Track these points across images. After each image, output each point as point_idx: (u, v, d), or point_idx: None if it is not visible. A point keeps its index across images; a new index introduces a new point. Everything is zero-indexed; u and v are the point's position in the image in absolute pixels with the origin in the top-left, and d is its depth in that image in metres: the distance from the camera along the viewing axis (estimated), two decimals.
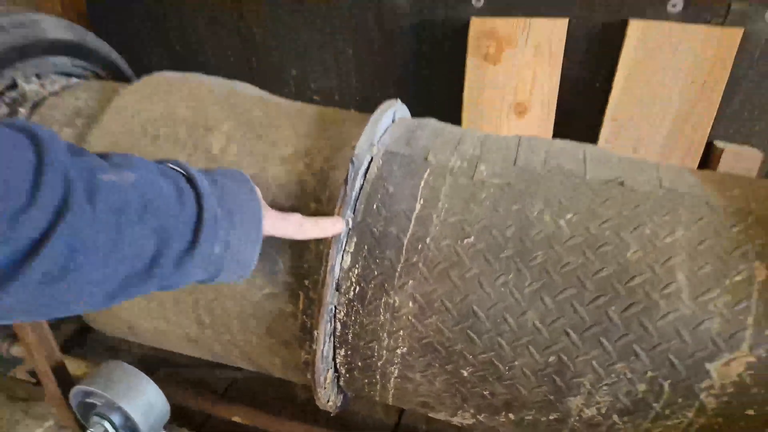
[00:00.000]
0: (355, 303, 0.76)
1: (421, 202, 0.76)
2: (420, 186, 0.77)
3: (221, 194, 0.60)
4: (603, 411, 0.71)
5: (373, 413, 1.15)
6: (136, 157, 0.56)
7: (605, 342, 0.68)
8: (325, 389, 0.82)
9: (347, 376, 0.85)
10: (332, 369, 0.84)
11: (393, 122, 0.91)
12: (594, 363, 0.69)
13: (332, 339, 0.79)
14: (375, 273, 0.75)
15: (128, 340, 1.31)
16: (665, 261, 0.68)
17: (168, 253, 0.52)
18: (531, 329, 0.70)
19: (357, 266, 0.75)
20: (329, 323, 0.77)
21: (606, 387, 0.69)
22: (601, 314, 0.68)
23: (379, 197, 0.77)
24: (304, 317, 0.80)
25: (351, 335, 0.79)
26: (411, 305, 0.74)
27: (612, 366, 0.68)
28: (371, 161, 0.80)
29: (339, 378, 0.87)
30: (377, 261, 0.75)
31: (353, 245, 0.76)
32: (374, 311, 0.76)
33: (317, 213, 0.78)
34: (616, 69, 1.52)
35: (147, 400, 0.90)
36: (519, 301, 0.71)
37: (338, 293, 0.76)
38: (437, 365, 0.77)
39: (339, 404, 0.91)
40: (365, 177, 0.79)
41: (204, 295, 0.83)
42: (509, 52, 1.57)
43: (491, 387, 0.76)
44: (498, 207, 0.74)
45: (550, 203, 0.74)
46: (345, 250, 0.76)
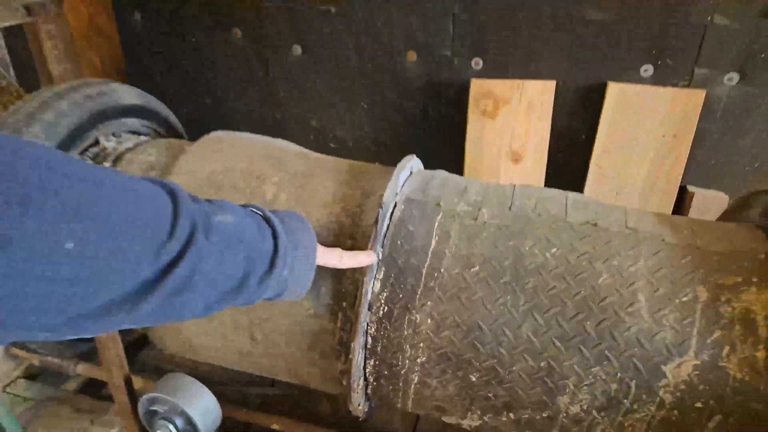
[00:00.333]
0: (384, 320, 0.94)
1: (436, 239, 0.96)
2: (434, 227, 0.97)
3: (288, 231, 0.79)
4: (585, 407, 0.89)
5: (390, 424, 1.30)
6: (230, 203, 0.75)
7: (584, 349, 0.86)
8: (357, 394, 0.99)
9: (375, 384, 1.02)
10: (363, 377, 1.01)
11: (410, 174, 1.12)
12: (576, 367, 0.87)
13: (364, 351, 0.97)
14: (400, 296, 0.94)
15: (169, 362, 1.48)
16: (629, 285, 0.87)
17: (253, 276, 0.71)
18: (525, 340, 0.88)
19: (385, 290, 0.94)
20: (362, 337, 0.95)
21: (586, 387, 0.87)
22: (580, 327, 0.87)
23: (402, 235, 0.97)
24: (342, 333, 0.98)
25: (380, 347, 0.96)
26: (429, 322, 0.92)
27: (590, 369, 0.86)
28: (395, 207, 1.00)
29: (367, 386, 1.04)
30: (401, 286, 0.94)
31: (382, 273, 0.95)
32: (399, 327, 0.94)
33: (353, 248, 0.97)
34: (599, 124, 1.75)
35: (205, 406, 1.06)
36: (515, 318, 0.89)
37: (370, 312, 0.95)
38: (450, 371, 0.94)
39: (366, 410, 1.08)
40: (390, 219, 0.99)
41: (258, 315, 1.02)
42: (505, 109, 1.80)
43: (494, 390, 0.93)
44: (497, 243, 0.94)
45: (539, 240, 0.93)
46: (376, 278, 0.94)
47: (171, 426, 1.06)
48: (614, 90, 1.71)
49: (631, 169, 1.77)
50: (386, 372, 0.99)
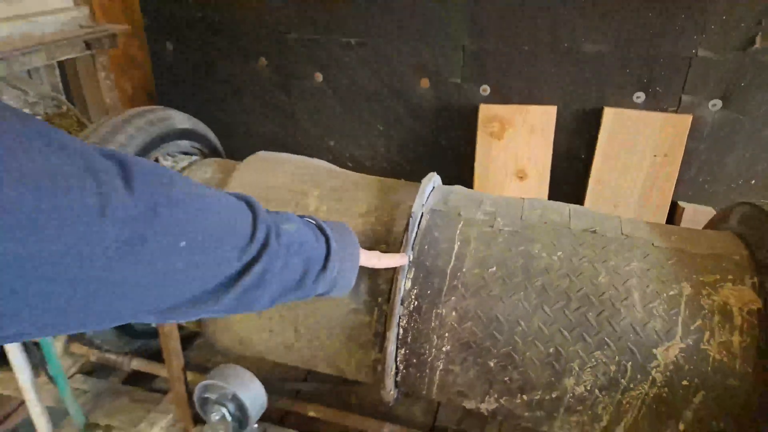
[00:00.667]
0: (414, 314, 1.10)
1: (458, 244, 1.12)
2: (456, 233, 1.13)
3: (337, 237, 0.95)
4: (588, 387, 1.03)
5: (412, 415, 1.44)
6: (292, 214, 0.91)
7: (586, 336, 1.01)
8: (390, 379, 1.14)
9: (404, 372, 1.17)
10: (395, 365, 1.16)
11: (433, 188, 1.28)
12: (580, 352, 1.02)
13: (396, 341, 1.12)
14: (428, 292, 1.09)
15: (209, 360, 1.62)
16: (624, 282, 1.03)
17: (310, 275, 0.86)
18: (536, 329, 1.04)
19: (415, 288, 1.10)
20: (396, 329, 1.10)
21: (589, 369, 1.02)
22: (583, 318, 1.02)
23: (429, 241, 1.13)
24: (377, 325, 1.13)
25: (410, 338, 1.11)
26: (453, 315, 1.08)
27: (592, 353, 1.01)
28: (422, 216, 1.17)
29: (397, 374, 1.18)
30: (429, 284, 1.09)
31: (412, 273, 1.10)
32: (427, 320, 1.09)
33: (387, 252, 1.13)
34: (596, 145, 1.92)
35: (254, 392, 1.20)
36: (527, 310, 1.04)
37: (402, 307, 1.10)
38: (471, 358, 1.09)
39: (396, 397, 1.22)
40: (418, 227, 1.15)
41: (302, 311, 1.17)
42: (510, 131, 1.98)
43: (510, 374, 1.08)
44: (510, 247, 1.10)
45: (546, 245, 1.09)
46: (407, 277, 1.10)
47: (224, 410, 1.20)
48: (610, 114, 1.89)
49: (627, 186, 1.93)
50: (415, 360, 1.14)
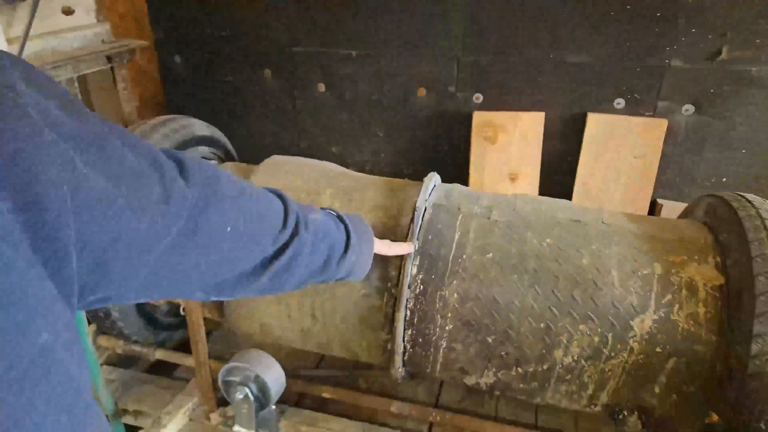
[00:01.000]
0: (420, 296, 1.23)
1: (459, 234, 1.25)
2: (457, 224, 1.27)
3: (355, 227, 1.08)
4: (575, 358, 1.17)
5: (416, 396, 1.56)
6: (314, 206, 1.04)
7: (573, 312, 1.15)
8: (399, 357, 1.27)
9: (411, 351, 1.30)
10: (402, 345, 1.29)
11: (435, 186, 1.42)
12: (567, 326, 1.16)
13: (404, 322, 1.25)
14: (432, 277, 1.23)
15: (227, 351, 1.73)
16: (604, 264, 1.17)
17: (333, 259, 0.98)
18: (529, 307, 1.17)
19: (421, 273, 1.23)
20: (404, 311, 1.23)
21: (576, 341, 1.16)
22: (569, 296, 1.16)
23: (432, 232, 1.26)
24: (387, 308, 1.26)
25: (416, 319, 1.25)
26: (455, 296, 1.21)
27: (578, 327, 1.15)
28: (425, 210, 1.30)
29: (405, 353, 1.31)
30: (433, 270, 1.23)
31: (418, 260, 1.24)
32: (432, 302, 1.23)
33: (395, 241, 1.26)
34: (581, 148, 2.08)
35: (276, 373, 1.32)
36: (521, 291, 1.18)
37: (409, 290, 1.23)
38: (472, 336, 1.23)
39: (403, 375, 1.35)
40: (423, 220, 1.28)
41: (320, 298, 1.30)
42: (503, 136, 2.13)
43: (506, 348, 1.21)
44: (505, 236, 1.24)
45: (537, 233, 1.24)
46: (413, 264, 1.24)
47: (247, 389, 1.32)
48: (593, 120, 2.05)
49: (610, 186, 2.09)
50: (420, 339, 1.27)
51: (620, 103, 2.05)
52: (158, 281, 0.62)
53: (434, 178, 1.41)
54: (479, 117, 2.15)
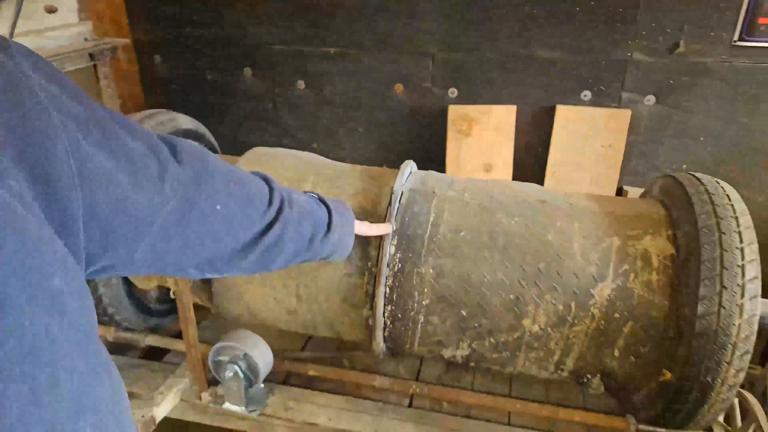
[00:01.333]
0: (398, 274, 1.31)
1: (434, 215, 1.34)
2: (432, 206, 1.36)
3: (335, 208, 1.15)
4: (542, 326, 1.26)
5: (398, 374, 1.64)
6: (297, 189, 1.11)
7: (539, 283, 1.25)
8: (380, 332, 1.35)
9: (391, 327, 1.38)
10: (383, 320, 1.37)
11: (411, 173, 1.50)
12: (534, 297, 1.25)
13: (384, 298, 1.33)
14: (409, 255, 1.31)
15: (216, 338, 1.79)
16: (568, 239, 1.27)
17: (317, 237, 1.06)
18: (500, 280, 1.26)
19: (399, 252, 1.31)
20: (383, 288, 1.31)
21: (542, 310, 1.25)
22: (536, 269, 1.25)
23: (409, 214, 1.35)
24: (368, 286, 1.34)
25: (396, 295, 1.33)
26: (431, 272, 1.30)
27: (544, 297, 1.24)
28: (402, 194, 1.39)
29: (385, 329, 1.39)
30: (410, 249, 1.31)
31: (396, 240, 1.32)
32: (410, 278, 1.31)
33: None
34: (551, 139, 2.18)
35: (263, 351, 1.39)
36: (492, 266, 1.27)
37: (388, 269, 1.31)
38: (447, 309, 1.31)
39: (384, 351, 1.43)
40: (400, 203, 1.37)
41: (304, 279, 1.37)
42: (477, 129, 2.23)
43: (479, 320, 1.30)
44: (477, 215, 1.33)
45: (506, 212, 1.33)
46: (392, 243, 1.31)
47: (236, 367, 1.38)
48: (562, 111, 2.16)
49: (579, 174, 2.20)
50: (400, 315, 1.35)
51: (587, 96, 2.17)
52: (156, 254, 0.67)
53: (410, 165, 1.49)
54: (454, 111, 2.25)
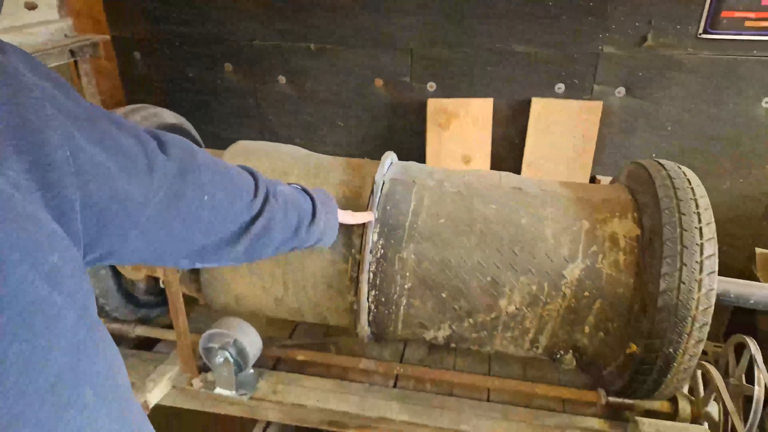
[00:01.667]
0: (381, 260, 1.37)
1: (414, 203, 1.40)
2: (412, 195, 1.42)
3: (319, 198, 1.20)
4: (517, 306, 1.34)
5: (382, 356, 1.70)
6: (281, 181, 1.16)
7: (514, 266, 1.32)
8: (364, 316, 1.41)
9: (375, 311, 1.44)
10: (367, 304, 1.42)
11: (392, 163, 1.56)
12: (510, 278, 1.32)
13: (368, 284, 1.39)
14: (391, 242, 1.37)
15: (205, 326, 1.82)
16: (540, 224, 1.34)
17: (303, 226, 1.10)
18: (477, 263, 1.33)
19: (381, 239, 1.37)
20: (367, 273, 1.37)
21: (517, 291, 1.32)
22: (511, 252, 1.32)
23: (391, 202, 1.40)
24: (352, 272, 1.39)
25: (379, 280, 1.38)
26: (413, 257, 1.36)
27: (519, 278, 1.32)
28: (384, 184, 1.44)
29: (369, 313, 1.45)
30: (392, 235, 1.37)
31: (378, 228, 1.38)
32: (392, 264, 1.37)
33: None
34: (527, 130, 2.26)
35: (252, 338, 1.43)
36: (470, 250, 1.34)
37: (371, 255, 1.37)
38: (428, 293, 1.37)
39: (369, 335, 1.49)
40: (381, 192, 1.42)
41: (291, 267, 1.42)
42: (456, 122, 2.29)
43: (458, 302, 1.37)
44: (455, 202, 1.39)
45: (483, 199, 1.39)
46: (374, 231, 1.37)
47: (227, 353, 1.42)
48: (537, 104, 2.24)
49: (554, 164, 2.28)
50: (383, 299, 1.41)
51: (561, 88, 2.25)
52: (147, 244, 0.70)
53: (391, 156, 1.55)
54: (433, 104, 2.31)
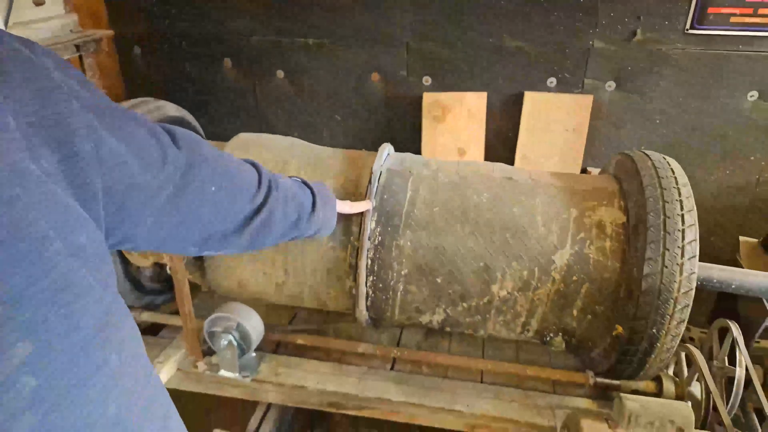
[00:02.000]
0: (379, 247, 1.43)
1: (410, 193, 1.46)
2: (408, 185, 1.47)
3: (318, 190, 1.25)
4: (509, 291, 1.40)
5: (380, 341, 1.76)
6: (282, 174, 1.21)
7: (506, 252, 1.38)
8: (362, 301, 1.47)
9: (373, 296, 1.50)
10: (365, 290, 1.48)
11: (388, 154, 1.62)
12: (502, 264, 1.38)
13: (366, 270, 1.45)
14: (389, 230, 1.43)
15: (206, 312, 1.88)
16: (531, 212, 1.40)
17: (303, 216, 1.15)
18: (470, 250, 1.39)
19: (379, 227, 1.43)
20: (365, 260, 1.43)
21: (509, 276, 1.38)
22: (503, 239, 1.38)
23: (388, 192, 1.46)
24: (351, 259, 1.45)
25: (376, 266, 1.44)
26: (409, 244, 1.42)
27: (510, 264, 1.38)
28: (381, 174, 1.50)
29: (367, 298, 1.51)
30: (389, 224, 1.43)
31: (376, 216, 1.43)
32: (389, 251, 1.43)
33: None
34: (520, 124, 2.32)
35: (255, 321, 1.49)
36: (463, 238, 1.40)
37: (369, 242, 1.43)
38: (424, 278, 1.43)
39: (367, 319, 1.55)
40: (379, 182, 1.48)
41: (291, 254, 1.47)
42: (450, 115, 2.35)
43: (453, 287, 1.43)
44: (449, 192, 1.45)
45: (476, 189, 1.45)
46: (372, 219, 1.43)
47: (231, 337, 1.48)
48: (529, 98, 2.30)
49: (546, 157, 2.34)
50: (381, 285, 1.47)
51: (552, 82, 2.31)
52: (159, 231, 0.75)
53: (387, 148, 1.60)
54: (428, 98, 2.36)
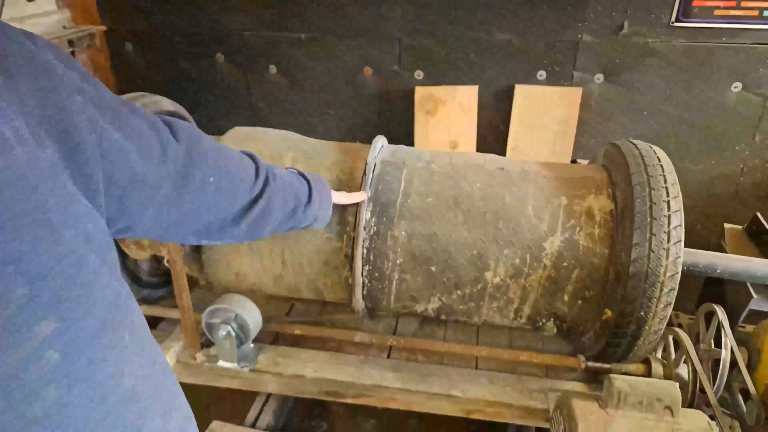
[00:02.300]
0: (374, 237, 1.46)
1: (404, 184, 1.49)
2: (402, 176, 1.50)
3: (314, 181, 1.27)
4: (502, 277, 1.43)
5: (376, 331, 1.79)
6: (278, 165, 1.23)
7: (498, 240, 1.41)
8: (359, 289, 1.49)
9: (369, 286, 1.53)
10: (361, 279, 1.51)
11: (382, 146, 1.65)
12: (495, 252, 1.42)
13: (362, 259, 1.48)
14: (383, 220, 1.45)
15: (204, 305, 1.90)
16: (522, 201, 1.44)
17: (299, 207, 1.18)
18: (464, 238, 1.42)
19: (374, 217, 1.46)
20: (361, 249, 1.46)
21: (501, 263, 1.42)
22: (495, 227, 1.42)
23: (382, 183, 1.49)
24: (347, 249, 1.48)
25: (372, 256, 1.47)
26: (404, 234, 1.45)
27: (503, 252, 1.41)
28: (375, 165, 1.53)
29: (363, 287, 1.54)
30: (384, 214, 1.46)
31: (371, 206, 1.46)
32: (384, 240, 1.46)
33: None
34: (511, 116, 2.35)
35: (253, 313, 1.51)
36: (456, 226, 1.43)
37: (364, 232, 1.45)
38: (419, 267, 1.47)
39: (364, 308, 1.58)
40: (373, 173, 1.51)
41: (288, 245, 1.50)
42: (443, 108, 2.38)
43: (447, 275, 1.46)
44: (442, 183, 1.48)
45: (468, 179, 1.48)
46: (367, 210, 1.46)
47: (229, 327, 1.50)
48: (520, 91, 2.33)
49: (536, 149, 2.38)
50: (377, 274, 1.50)
51: (542, 75, 2.34)
52: (160, 220, 0.77)
53: (381, 140, 1.63)
54: (421, 92, 2.39)
